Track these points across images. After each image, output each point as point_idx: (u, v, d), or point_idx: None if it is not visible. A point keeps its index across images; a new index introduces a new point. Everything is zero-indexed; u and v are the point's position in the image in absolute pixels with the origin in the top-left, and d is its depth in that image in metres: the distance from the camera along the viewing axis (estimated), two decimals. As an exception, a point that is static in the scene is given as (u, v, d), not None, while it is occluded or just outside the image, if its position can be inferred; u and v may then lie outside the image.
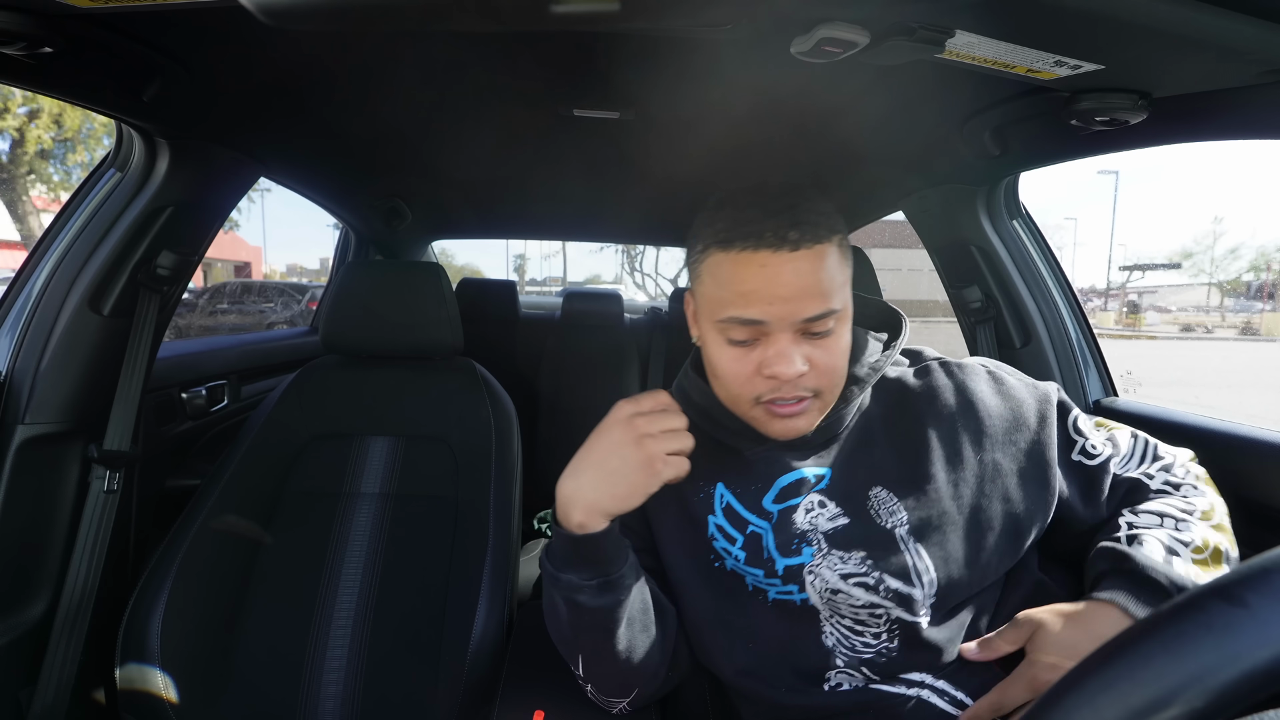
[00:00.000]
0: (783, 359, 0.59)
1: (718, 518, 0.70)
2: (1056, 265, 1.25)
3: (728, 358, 0.63)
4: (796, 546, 0.65)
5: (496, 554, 1.00)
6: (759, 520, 0.67)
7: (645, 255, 22.07)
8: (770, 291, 0.58)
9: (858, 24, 0.53)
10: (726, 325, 0.62)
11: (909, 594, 0.62)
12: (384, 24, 0.58)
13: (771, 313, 0.59)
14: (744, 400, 0.64)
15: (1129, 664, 0.27)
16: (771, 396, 0.62)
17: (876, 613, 0.63)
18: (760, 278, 0.59)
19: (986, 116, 0.89)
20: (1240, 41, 0.53)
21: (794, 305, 0.58)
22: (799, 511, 0.66)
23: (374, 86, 0.92)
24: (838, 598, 0.64)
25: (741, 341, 0.62)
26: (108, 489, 0.97)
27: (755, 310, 0.59)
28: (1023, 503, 0.65)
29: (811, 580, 0.65)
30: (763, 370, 0.61)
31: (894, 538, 0.63)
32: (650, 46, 0.76)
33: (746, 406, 0.64)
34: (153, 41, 0.72)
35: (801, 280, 0.58)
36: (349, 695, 0.95)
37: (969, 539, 0.64)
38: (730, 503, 0.69)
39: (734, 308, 0.60)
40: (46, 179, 9.47)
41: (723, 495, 0.70)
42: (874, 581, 0.63)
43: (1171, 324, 27.97)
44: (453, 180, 1.52)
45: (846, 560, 0.64)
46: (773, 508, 0.67)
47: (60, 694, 0.90)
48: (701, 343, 0.68)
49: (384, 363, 1.20)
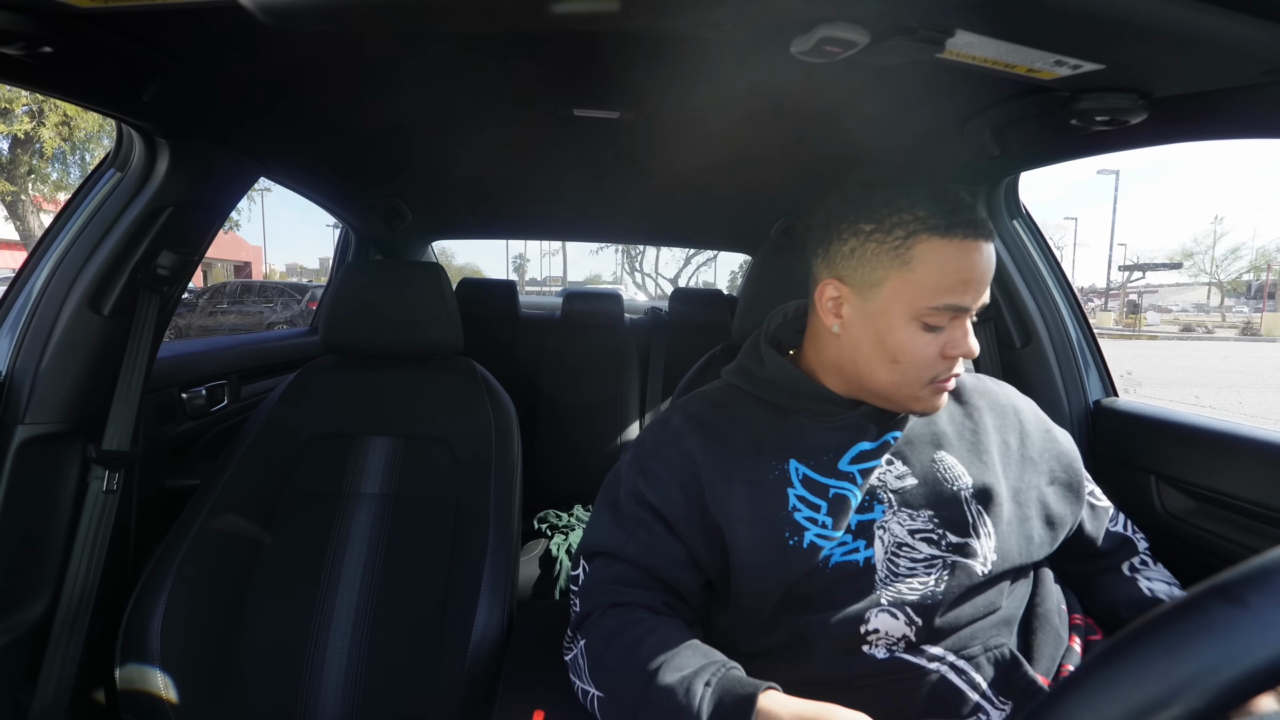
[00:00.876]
0: (967, 340, 0.65)
1: (798, 489, 0.69)
2: (1056, 265, 1.25)
3: (921, 343, 0.66)
4: (869, 503, 0.68)
5: (496, 554, 1.00)
6: (840, 483, 0.69)
7: (645, 255, 22.10)
8: (982, 278, 0.64)
9: (858, 24, 0.53)
10: (937, 311, 0.64)
11: (969, 544, 0.66)
12: (384, 24, 0.58)
13: (977, 300, 0.65)
14: (919, 383, 0.67)
15: (1129, 664, 0.27)
16: (947, 376, 0.67)
17: (932, 566, 0.66)
18: (981, 265, 0.64)
19: (986, 116, 0.89)
20: (1240, 41, 0.53)
21: (986, 289, 0.65)
22: (880, 470, 0.70)
23: (374, 86, 0.92)
24: (900, 551, 0.67)
25: (936, 327, 0.65)
26: (107, 489, 0.97)
27: (970, 297, 0.64)
28: (1056, 502, 0.74)
29: (880, 534, 0.67)
30: (947, 351, 0.65)
31: (960, 500, 0.68)
32: (650, 46, 0.76)
33: (917, 388, 0.68)
34: (153, 41, 0.72)
35: (993, 269, 0.66)
36: (349, 695, 0.95)
37: (1016, 514, 0.70)
38: (807, 473, 0.70)
39: (953, 295, 0.63)
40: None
41: (797, 468, 0.70)
42: (938, 537, 0.67)
43: (1172, 324, 27.98)
44: (453, 180, 1.52)
45: (915, 518, 0.68)
46: (852, 469, 0.70)
47: (60, 694, 0.90)
48: (866, 334, 0.68)
49: (384, 363, 1.20)
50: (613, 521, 0.73)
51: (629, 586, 0.70)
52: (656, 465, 0.74)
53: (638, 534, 0.71)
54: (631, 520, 0.72)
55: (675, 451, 0.73)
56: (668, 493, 0.71)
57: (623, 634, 0.66)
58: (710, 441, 0.73)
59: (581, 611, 0.71)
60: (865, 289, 0.67)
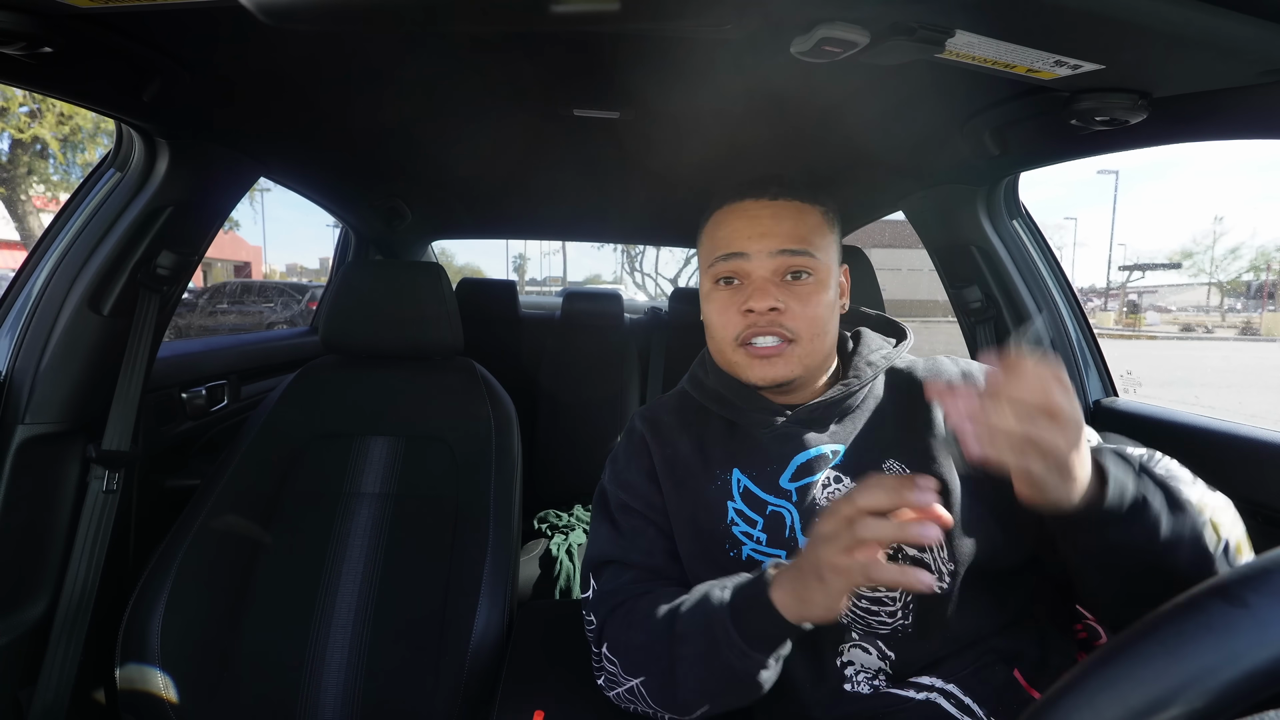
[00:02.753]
0: (758, 293, 0.67)
1: (736, 503, 0.70)
2: (1056, 265, 1.25)
3: (717, 304, 0.71)
4: (808, 525, 0.66)
5: (496, 554, 1.00)
6: (778, 500, 0.68)
7: (645, 255, 22.09)
8: (750, 229, 0.69)
9: (858, 24, 0.53)
10: (714, 268, 0.71)
11: (925, 560, 0.63)
12: (384, 24, 0.58)
13: (750, 246, 0.68)
14: (728, 344, 0.70)
15: (1129, 664, 0.27)
16: (750, 333, 0.67)
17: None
18: (743, 219, 0.69)
19: (986, 116, 0.88)
20: (1240, 41, 0.53)
21: (769, 240, 0.67)
22: (816, 488, 0.67)
23: (374, 86, 0.92)
24: None
25: (727, 281, 0.70)
26: (107, 489, 0.97)
27: (737, 244, 0.69)
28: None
29: None
30: (741, 307, 0.68)
31: None
32: (650, 46, 0.76)
33: (730, 351, 0.70)
34: (153, 41, 0.72)
35: (779, 223, 0.68)
36: (349, 695, 0.95)
37: (972, 510, 0.65)
38: (748, 486, 0.70)
39: (720, 248, 0.70)
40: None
41: (739, 480, 0.70)
42: (892, 553, 0.64)
43: (1171, 324, 27.98)
44: (453, 180, 1.52)
45: None
46: (790, 486, 0.68)
47: (60, 694, 0.90)
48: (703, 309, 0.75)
49: (384, 363, 1.20)
50: (611, 531, 0.76)
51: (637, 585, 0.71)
52: (630, 474, 0.77)
53: (636, 540, 0.74)
54: (627, 529, 0.75)
55: (643, 457, 0.77)
56: (648, 497, 0.75)
57: (636, 613, 0.67)
58: (663, 446, 0.76)
59: (597, 624, 0.71)
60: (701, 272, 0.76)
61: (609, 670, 0.68)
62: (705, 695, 0.61)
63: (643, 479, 0.76)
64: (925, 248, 1.37)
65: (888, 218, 1.65)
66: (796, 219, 0.69)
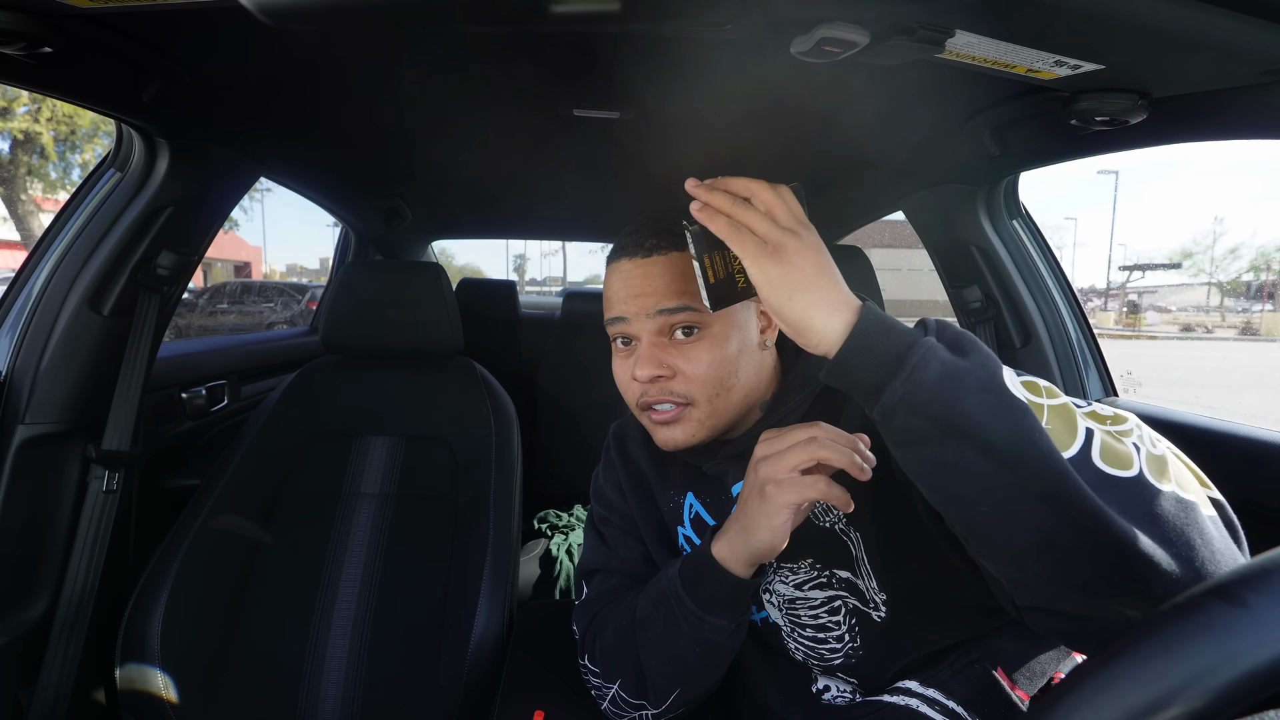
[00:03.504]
0: (641, 360, 0.62)
1: (685, 528, 0.71)
2: (1056, 265, 1.25)
3: (616, 365, 0.67)
4: None
5: (496, 554, 1.00)
6: None
7: (645, 255, 22.01)
8: (626, 290, 0.63)
9: (858, 24, 0.53)
10: (610, 327, 0.66)
11: (856, 582, 0.62)
12: (384, 24, 0.58)
13: (628, 309, 0.63)
14: (634, 409, 0.67)
15: (1129, 664, 0.27)
16: (645, 400, 0.64)
17: (835, 607, 0.63)
18: (618, 280, 0.64)
19: (986, 116, 0.88)
20: (1240, 41, 0.53)
21: (643, 300, 0.62)
22: None
23: (374, 86, 0.92)
24: (796, 605, 0.65)
25: (624, 344, 0.66)
26: (107, 489, 0.97)
27: (616, 308, 0.64)
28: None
29: (768, 598, 0.67)
30: (632, 373, 0.64)
31: (834, 533, 0.63)
32: (650, 46, 0.76)
33: (638, 414, 0.67)
34: (152, 41, 0.72)
35: (653, 281, 0.62)
36: (349, 695, 0.95)
37: (892, 516, 0.60)
38: (700, 512, 0.70)
39: (607, 311, 0.66)
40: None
41: (692, 505, 0.71)
42: (827, 578, 0.64)
43: (1171, 324, 27.98)
44: (453, 180, 1.52)
45: (797, 571, 0.65)
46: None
47: (60, 694, 0.90)
48: None
49: (384, 363, 1.20)
50: (597, 541, 0.78)
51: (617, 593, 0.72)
52: (608, 488, 0.79)
53: (618, 549, 0.76)
54: (610, 538, 0.77)
55: (613, 471, 0.79)
56: (621, 509, 0.77)
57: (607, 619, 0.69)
58: (626, 463, 0.78)
59: (579, 635, 0.73)
60: None
61: (594, 682, 0.69)
62: (672, 676, 0.61)
63: (615, 492, 0.78)
64: (925, 248, 1.37)
65: (888, 218, 1.65)
66: (672, 274, 0.62)
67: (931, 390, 0.43)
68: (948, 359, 0.44)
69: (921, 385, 0.43)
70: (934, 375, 0.43)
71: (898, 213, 1.46)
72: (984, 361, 0.44)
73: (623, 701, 0.65)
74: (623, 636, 0.65)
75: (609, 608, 0.70)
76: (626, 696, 0.65)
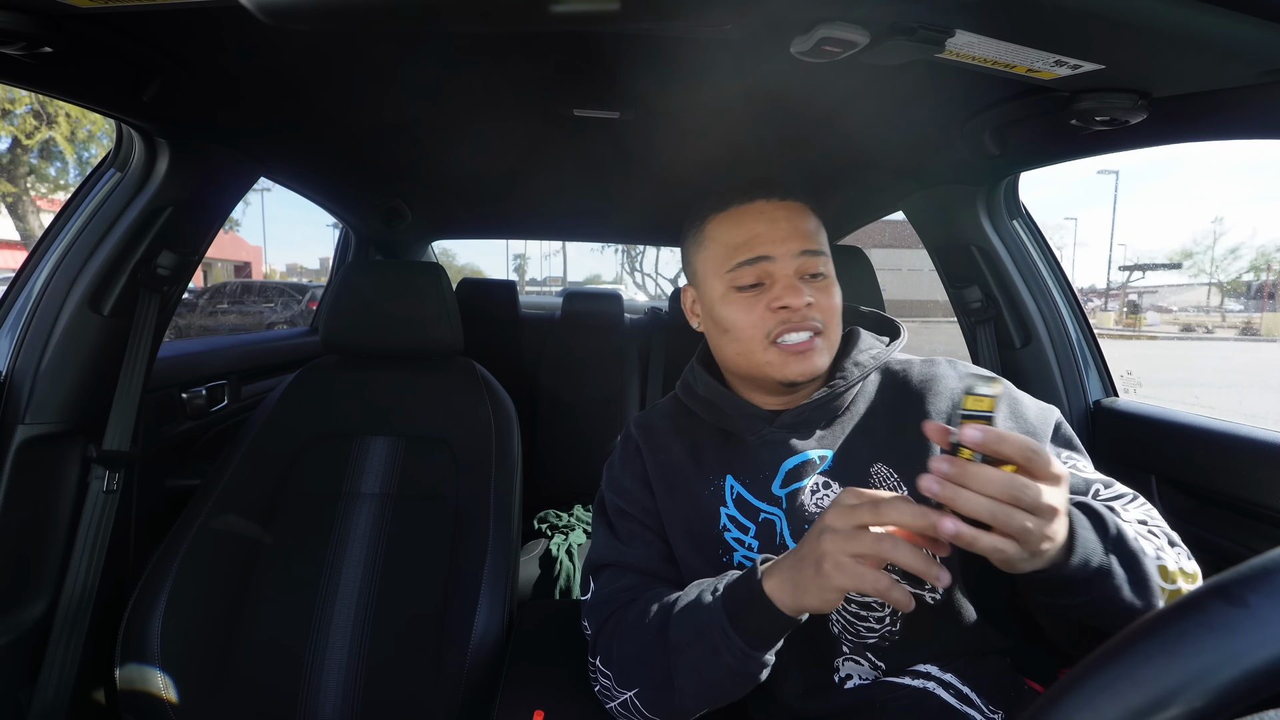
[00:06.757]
0: (791, 290, 0.65)
1: (729, 509, 0.70)
2: (1056, 265, 1.25)
3: (739, 306, 0.69)
4: (799, 532, 0.66)
5: (496, 554, 1.00)
6: (770, 507, 0.68)
7: (645, 255, 22.11)
8: (771, 231, 0.67)
9: (857, 24, 0.53)
10: (736, 273, 0.68)
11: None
12: (383, 24, 0.58)
13: (775, 249, 0.67)
14: (758, 344, 0.68)
15: (1129, 664, 0.27)
16: (783, 329, 0.66)
17: None
18: (761, 220, 0.68)
19: (986, 116, 0.88)
20: (1240, 41, 0.53)
21: (791, 243, 0.67)
22: (805, 494, 0.67)
23: (374, 87, 0.92)
24: None
25: (750, 286, 0.68)
26: (107, 489, 0.97)
27: (761, 248, 0.67)
28: None
29: None
30: (772, 305, 0.66)
31: None
32: (650, 46, 0.76)
33: (761, 351, 0.68)
34: (153, 41, 0.72)
35: (794, 221, 0.68)
36: (349, 695, 0.95)
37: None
38: (741, 493, 0.70)
39: (741, 253, 0.68)
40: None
41: (733, 486, 0.71)
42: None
43: (1172, 324, 27.97)
44: (453, 180, 1.52)
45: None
46: (780, 493, 0.68)
47: (60, 694, 0.90)
48: (708, 319, 0.74)
49: (384, 363, 1.20)
50: (609, 536, 0.76)
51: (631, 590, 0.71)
52: (624, 479, 0.78)
53: (632, 544, 0.74)
54: (624, 533, 0.75)
55: (637, 462, 0.78)
56: (642, 502, 0.75)
57: (625, 624, 0.67)
58: (655, 451, 0.77)
59: (591, 633, 0.71)
60: (698, 285, 0.75)
61: (603, 683, 0.68)
62: (705, 699, 0.61)
63: (636, 485, 0.77)
64: (925, 248, 1.37)
65: (888, 218, 1.65)
66: (805, 215, 0.70)
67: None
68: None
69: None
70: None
71: (898, 213, 1.46)
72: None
73: (633, 708, 0.65)
74: (645, 649, 0.63)
75: (625, 610, 0.69)
76: (640, 706, 0.64)
